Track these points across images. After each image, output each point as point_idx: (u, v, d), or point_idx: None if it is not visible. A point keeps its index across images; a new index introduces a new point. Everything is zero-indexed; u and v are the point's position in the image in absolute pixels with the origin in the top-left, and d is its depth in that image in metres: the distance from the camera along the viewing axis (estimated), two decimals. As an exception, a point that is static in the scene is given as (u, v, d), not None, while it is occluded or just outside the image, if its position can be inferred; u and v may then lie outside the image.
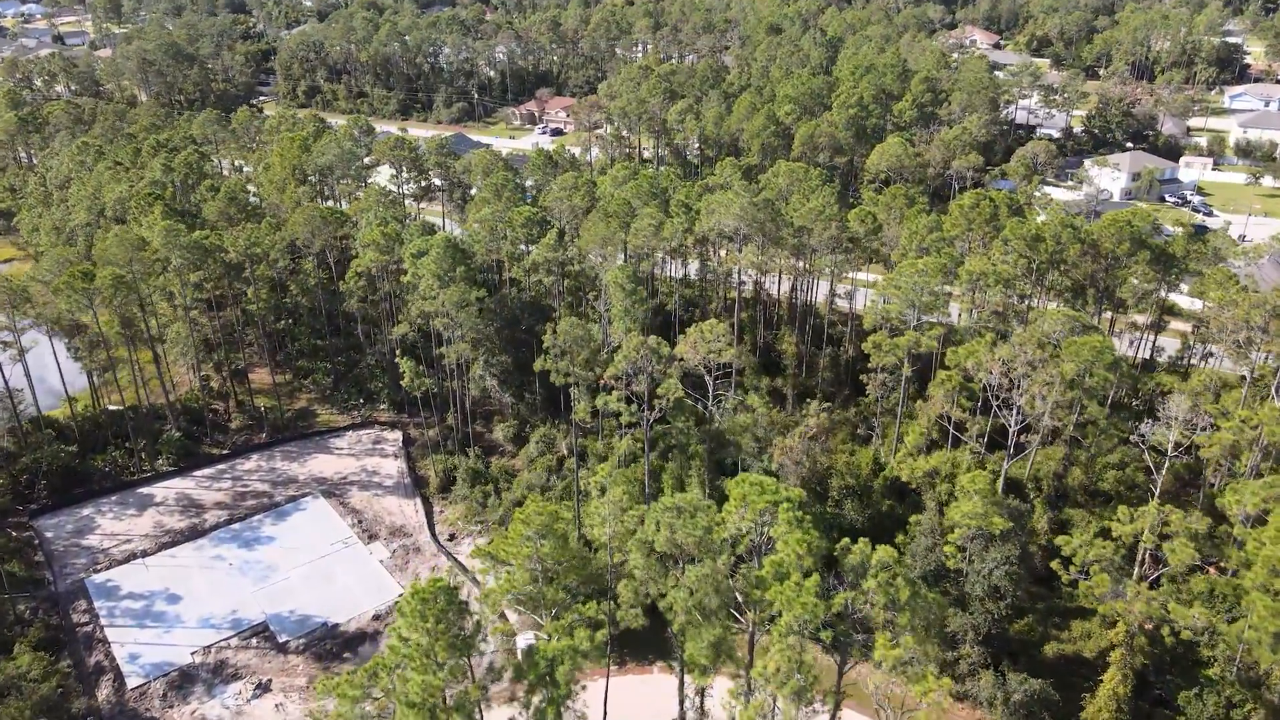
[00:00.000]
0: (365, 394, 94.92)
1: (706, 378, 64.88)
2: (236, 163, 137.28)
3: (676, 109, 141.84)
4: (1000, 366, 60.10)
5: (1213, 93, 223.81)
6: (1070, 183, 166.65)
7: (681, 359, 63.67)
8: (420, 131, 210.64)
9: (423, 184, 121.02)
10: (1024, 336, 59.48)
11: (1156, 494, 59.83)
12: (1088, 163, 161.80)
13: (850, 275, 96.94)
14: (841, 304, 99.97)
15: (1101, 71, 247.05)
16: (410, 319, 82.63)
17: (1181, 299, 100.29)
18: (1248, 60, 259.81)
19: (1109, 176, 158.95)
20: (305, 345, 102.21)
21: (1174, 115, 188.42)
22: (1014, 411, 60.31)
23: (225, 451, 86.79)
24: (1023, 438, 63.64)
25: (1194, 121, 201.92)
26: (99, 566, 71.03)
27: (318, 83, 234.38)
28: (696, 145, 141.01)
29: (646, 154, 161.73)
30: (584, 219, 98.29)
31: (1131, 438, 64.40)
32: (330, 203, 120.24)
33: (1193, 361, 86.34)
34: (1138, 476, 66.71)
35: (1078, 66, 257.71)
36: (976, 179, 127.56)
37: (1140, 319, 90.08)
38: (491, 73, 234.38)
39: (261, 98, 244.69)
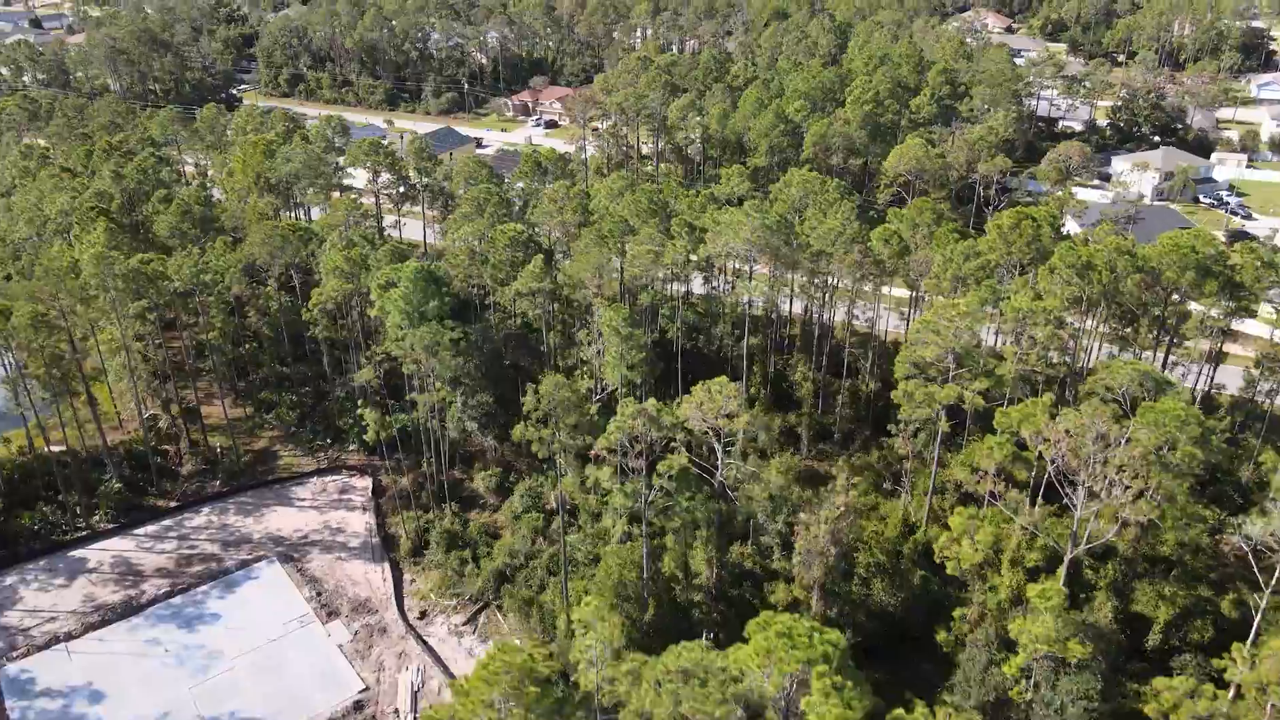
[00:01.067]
0: (333, 433, 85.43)
1: (715, 444, 55.39)
2: (201, 165, 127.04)
3: (678, 105, 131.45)
4: (1064, 437, 50.60)
5: (1240, 81, 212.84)
6: (1097, 182, 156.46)
7: (686, 426, 54.15)
8: (407, 123, 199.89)
9: (402, 189, 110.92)
10: (1095, 409, 49.81)
11: (1263, 608, 50.14)
12: (1117, 161, 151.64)
13: (868, 290, 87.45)
14: (861, 324, 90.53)
15: (1123, 59, 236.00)
16: (374, 362, 72.96)
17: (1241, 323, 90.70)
18: (1273, 47, 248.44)
19: (1140, 175, 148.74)
20: (270, 373, 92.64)
21: (1203, 107, 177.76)
22: (1079, 492, 50.86)
23: (173, 504, 77.42)
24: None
25: (1222, 113, 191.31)
26: (15, 653, 61.84)
27: (301, 71, 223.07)
28: (699, 144, 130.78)
29: (646, 149, 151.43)
30: (576, 236, 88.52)
31: (1227, 533, 54.97)
32: (301, 211, 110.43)
33: (1260, 398, 76.87)
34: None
35: (1097, 53, 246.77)
36: (1003, 183, 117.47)
37: (1197, 344, 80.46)
38: (483, 59, 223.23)
39: (243, 86, 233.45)
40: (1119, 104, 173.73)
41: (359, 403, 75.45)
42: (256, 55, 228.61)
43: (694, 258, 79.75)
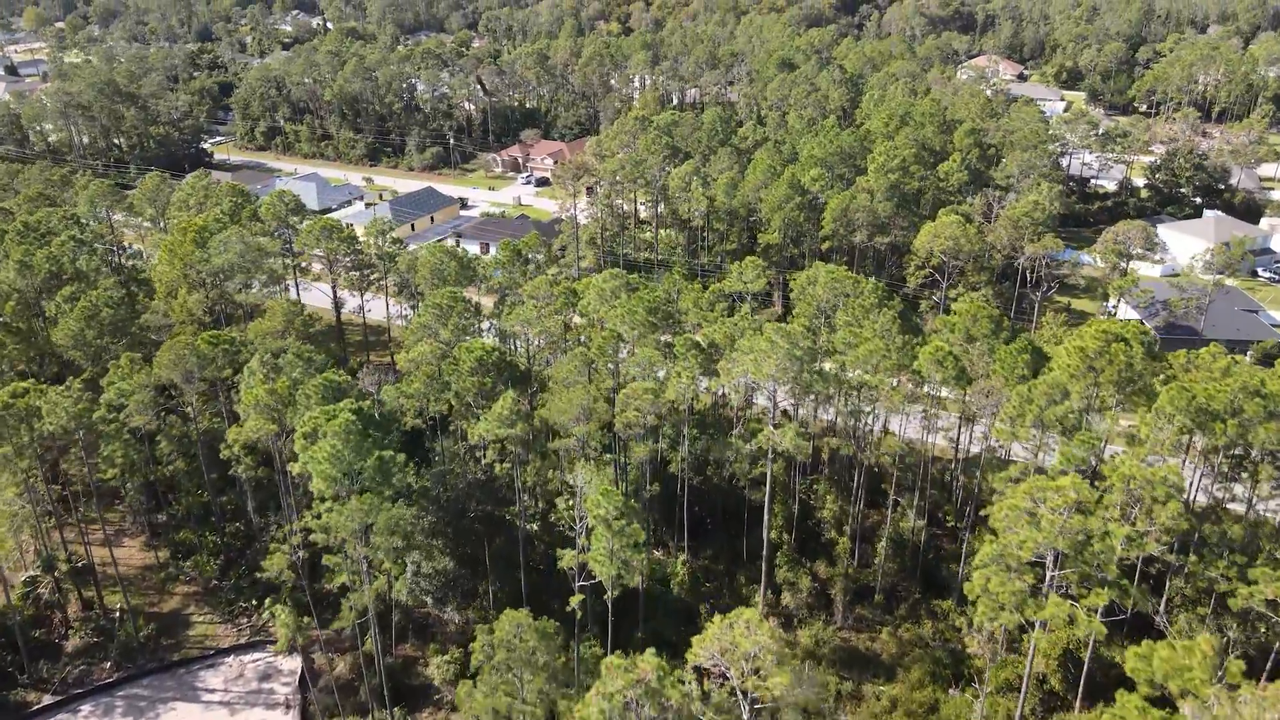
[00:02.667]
0: (261, 589, 69.58)
1: (741, 703, 39.60)
2: (138, 248, 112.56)
3: (680, 173, 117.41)
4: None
5: (1275, 134, 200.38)
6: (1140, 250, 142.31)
7: (700, 682, 38.45)
8: (388, 180, 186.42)
9: (363, 273, 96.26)
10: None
11: None
12: (1165, 230, 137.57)
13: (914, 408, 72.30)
14: (899, 433, 75.37)
15: (1144, 109, 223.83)
16: (291, 546, 57.48)
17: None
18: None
19: (1190, 245, 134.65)
20: (192, 504, 77.04)
21: (1246, 166, 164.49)
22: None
23: (45, 701, 61.40)
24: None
25: (1263, 169, 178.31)
26: None
27: (278, 123, 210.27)
28: (704, 215, 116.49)
29: (644, 209, 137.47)
30: (560, 348, 73.57)
31: None
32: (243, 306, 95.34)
33: None
34: None
35: (1118, 104, 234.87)
36: (1054, 271, 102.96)
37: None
38: (472, 107, 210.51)
39: (217, 139, 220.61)
40: (1157, 163, 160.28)
41: (266, 601, 59.86)
42: (233, 106, 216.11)
43: (704, 384, 64.69)
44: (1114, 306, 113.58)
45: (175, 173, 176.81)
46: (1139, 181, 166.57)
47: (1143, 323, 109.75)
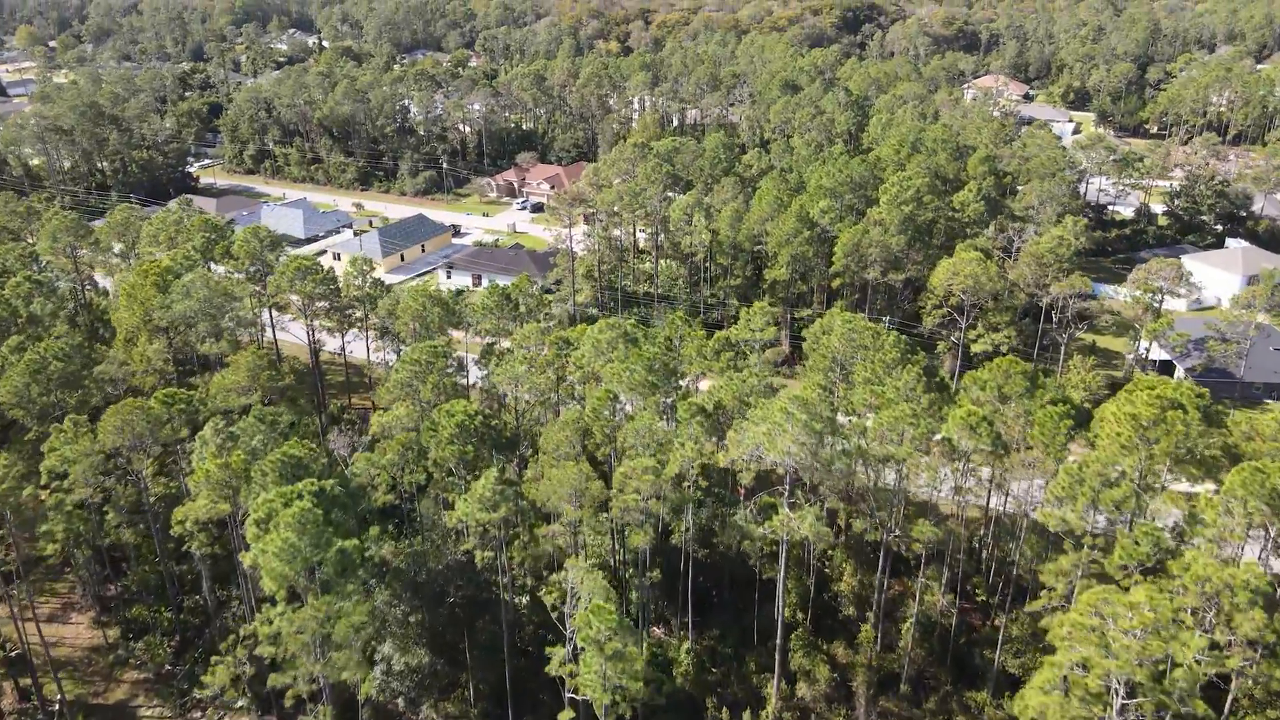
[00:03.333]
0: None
1: None
2: (107, 284, 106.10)
3: (681, 204, 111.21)
4: None
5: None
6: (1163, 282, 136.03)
7: None
8: (379, 205, 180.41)
9: (346, 319, 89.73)
10: None
11: None
12: (1190, 261, 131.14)
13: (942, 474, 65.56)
14: (918, 488, 68.68)
15: (1153, 130, 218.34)
16: (237, 657, 50.67)
17: None
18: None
19: (1218, 277, 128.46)
20: (147, 575, 70.16)
21: (1268, 192, 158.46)
22: None
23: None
24: None
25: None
26: None
27: (268, 146, 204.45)
28: (707, 249, 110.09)
29: (643, 236, 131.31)
30: (550, 409, 67.12)
31: None
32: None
33: None
34: None
35: (1128, 125, 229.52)
36: (1083, 309, 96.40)
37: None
38: (467, 129, 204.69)
39: (205, 162, 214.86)
40: (1177, 189, 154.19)
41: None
42: (221, 129, 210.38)
43: (707, 452, 57.94)
44: (1146, 349, 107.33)
45: (155, 201, 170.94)
46: (1157, 208, 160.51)
47: (1175, 364, 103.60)
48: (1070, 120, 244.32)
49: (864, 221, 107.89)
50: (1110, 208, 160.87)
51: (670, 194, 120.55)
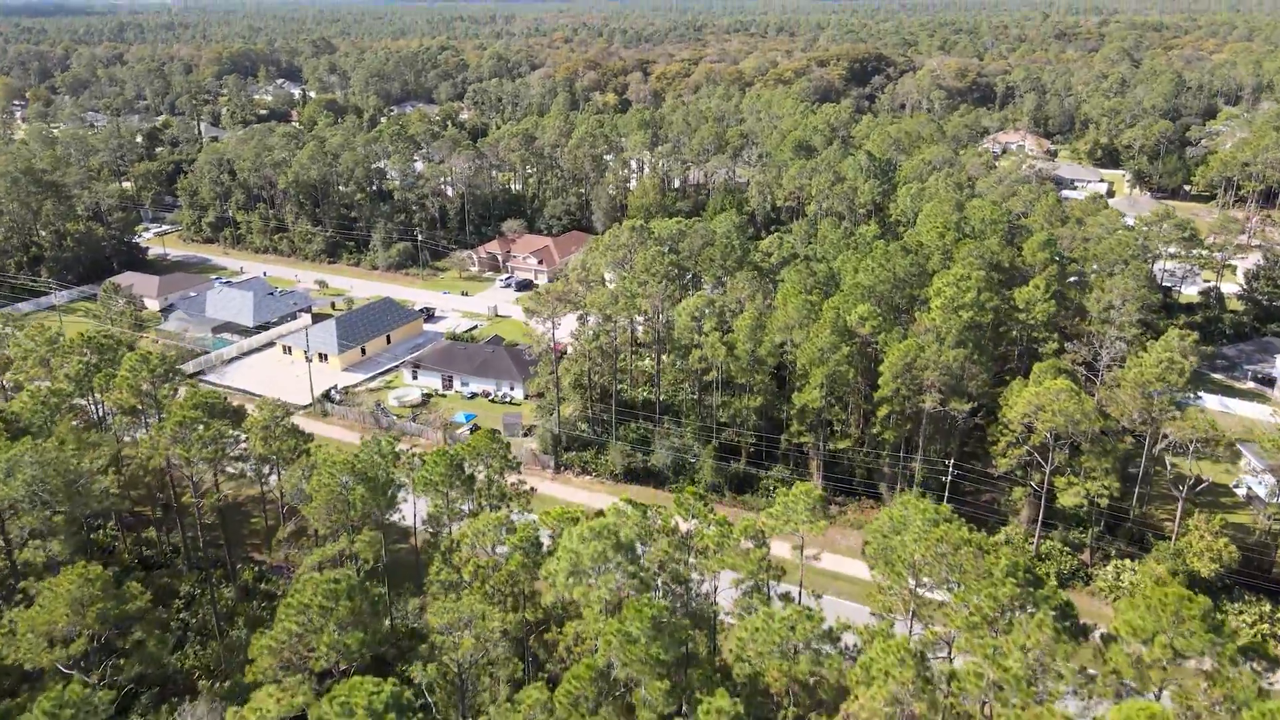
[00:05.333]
0: None
1: None
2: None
3: (689, 309, 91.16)
4: None
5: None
6: (1252, 384, 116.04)
7: None
8: (346, 281, 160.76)
9: (259, 474, 68.92)
10: None
11: None
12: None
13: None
14: None
15: (1192, 192, 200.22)
16: None
17: None
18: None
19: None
20: None
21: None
22: None
23: None
24: None
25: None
26: None
27: (227, 212, 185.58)
28: (725, 365, 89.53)
29: (642, 327, 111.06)
30: (508, 690, 46.23)
31: None
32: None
33: None
34: None
35: (1162, 185, 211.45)
36: (1193, 447, 75.67)
37: None
38: (450, 190, 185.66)
39: (164, 228, 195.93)
40: (1254, 269, 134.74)
41: None
42: (179, 193, 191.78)
43: None
44: (1254, 485, 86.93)
45: (88, 285, 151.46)
46: (1228, 288, 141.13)
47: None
48: (1101, 180, 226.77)
49: (913, 331, 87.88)
50: (1175, 289, 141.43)
51: (674, 282, 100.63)
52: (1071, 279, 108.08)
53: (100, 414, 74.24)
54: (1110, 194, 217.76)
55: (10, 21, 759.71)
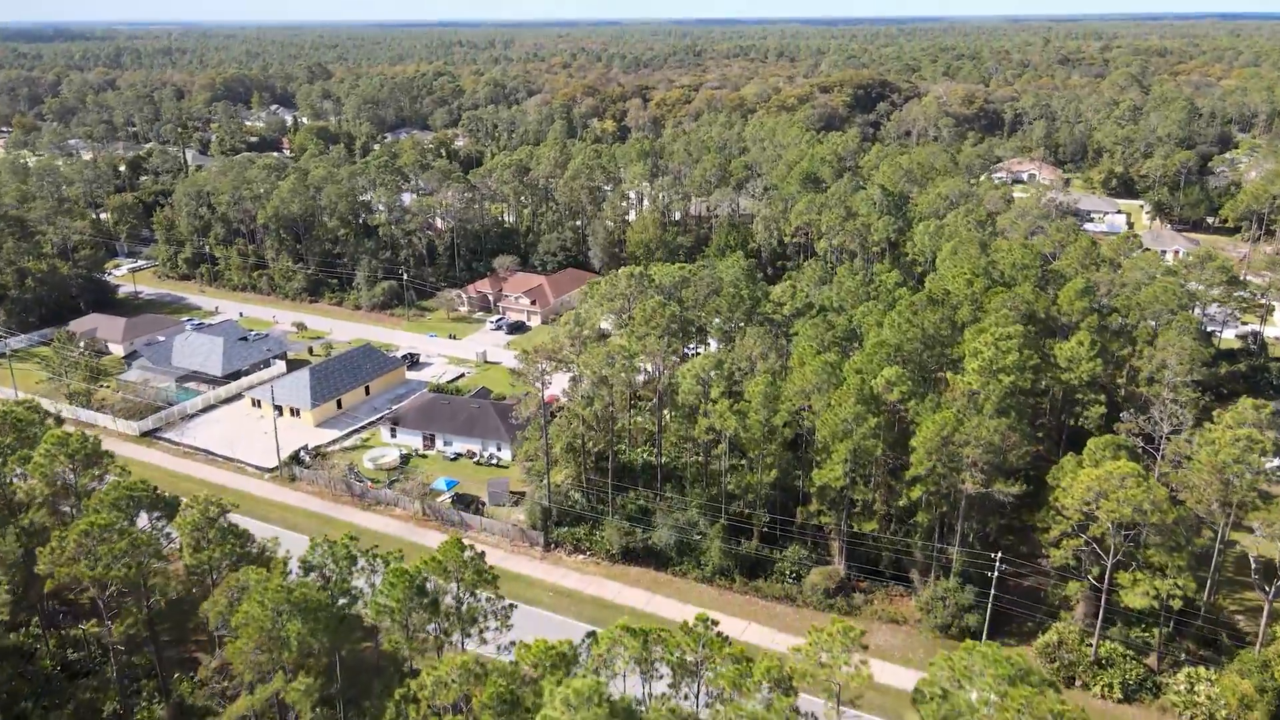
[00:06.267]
0: None
1: None
2: None
3: (693, 370, 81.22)
4: None
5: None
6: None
7: None
8: (327, 323, 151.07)
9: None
10: None
11: None
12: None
13: None
14: None
15: (1214, 223, 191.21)
16: None
17: None
18: None
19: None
20: None
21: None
22: None
23: None
24: None
25: None
26: None
27: (205, 248, 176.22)
28: (736, 434, 79.38)
29: (642, 377, 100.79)
30: None
31: None
32: None
33: None
34: None
35: (1183, 217, 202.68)
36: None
37: None
38: (440, 223, 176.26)
39: (139, 264, 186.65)
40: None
41: None
42: (155, 227, 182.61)
43: None
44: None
45: (51, 327, 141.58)
46: (1271, 331, 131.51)
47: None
48: (1119, 211, 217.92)
49: (946, 399, 78.02)
50: (1216, 334, 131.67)
51: (676, 336, 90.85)
52: (1113, 329, 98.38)
53: (11, 502, 64.04)
54: (1129, 226, 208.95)
55: (8, 47, 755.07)
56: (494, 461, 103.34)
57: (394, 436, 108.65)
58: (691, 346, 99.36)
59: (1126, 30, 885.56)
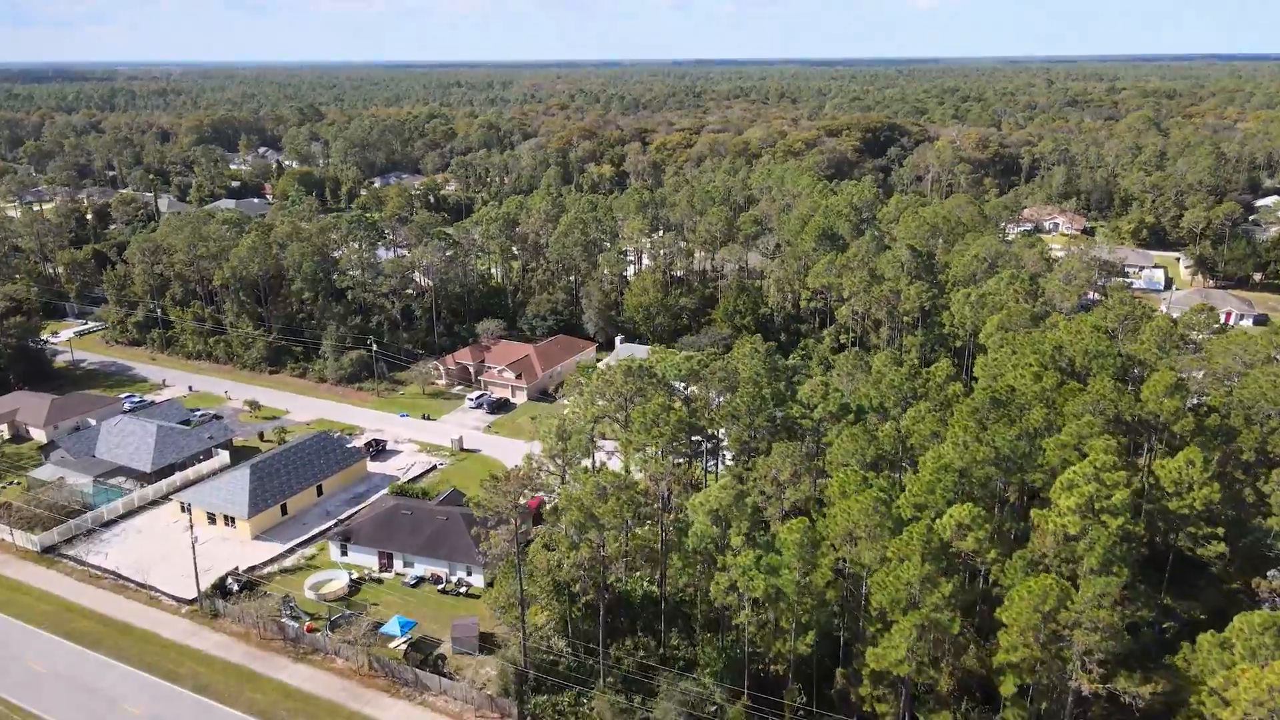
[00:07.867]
0: None
1: None
2: None
3: (707, 504, 63.49)
4: None
5: None
6: None
7: None
8: (287, 399, 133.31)
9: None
10: None
11: None
12: None
13: None
14: None
15: (1257, 278, 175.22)
16: None
17: None
18: None
19: None
20: None
21: None
22: None
23: None
24: None
25: None
26: None
27: (156, 311, 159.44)
28: (758, 602, 61.72)
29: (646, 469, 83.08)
30: None
31: None
32: None
33: None
34: None
35: (1227, 273, 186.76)
36: None
37: None
38: (420, 279, 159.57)
39: (88, 326, 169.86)
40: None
41: None
42: (105, 286, 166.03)
43: None
44: None
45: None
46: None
47: None
48: (1156, 265, 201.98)
49: (1032, 546, 60.46)
50: None
51: (684, 440, 73.48)
52: (1213, 432, 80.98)
53: None
54: (1169, 284, 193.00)
55: (2, 88, 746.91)
56: (462, 590, 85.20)
57: (344, 555, 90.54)
58: (703, 462, 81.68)
59: (1125, 71, 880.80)
